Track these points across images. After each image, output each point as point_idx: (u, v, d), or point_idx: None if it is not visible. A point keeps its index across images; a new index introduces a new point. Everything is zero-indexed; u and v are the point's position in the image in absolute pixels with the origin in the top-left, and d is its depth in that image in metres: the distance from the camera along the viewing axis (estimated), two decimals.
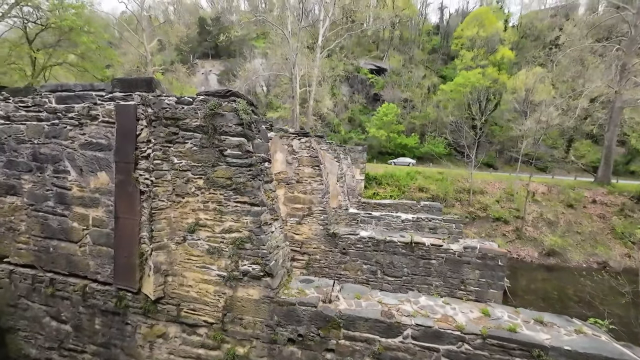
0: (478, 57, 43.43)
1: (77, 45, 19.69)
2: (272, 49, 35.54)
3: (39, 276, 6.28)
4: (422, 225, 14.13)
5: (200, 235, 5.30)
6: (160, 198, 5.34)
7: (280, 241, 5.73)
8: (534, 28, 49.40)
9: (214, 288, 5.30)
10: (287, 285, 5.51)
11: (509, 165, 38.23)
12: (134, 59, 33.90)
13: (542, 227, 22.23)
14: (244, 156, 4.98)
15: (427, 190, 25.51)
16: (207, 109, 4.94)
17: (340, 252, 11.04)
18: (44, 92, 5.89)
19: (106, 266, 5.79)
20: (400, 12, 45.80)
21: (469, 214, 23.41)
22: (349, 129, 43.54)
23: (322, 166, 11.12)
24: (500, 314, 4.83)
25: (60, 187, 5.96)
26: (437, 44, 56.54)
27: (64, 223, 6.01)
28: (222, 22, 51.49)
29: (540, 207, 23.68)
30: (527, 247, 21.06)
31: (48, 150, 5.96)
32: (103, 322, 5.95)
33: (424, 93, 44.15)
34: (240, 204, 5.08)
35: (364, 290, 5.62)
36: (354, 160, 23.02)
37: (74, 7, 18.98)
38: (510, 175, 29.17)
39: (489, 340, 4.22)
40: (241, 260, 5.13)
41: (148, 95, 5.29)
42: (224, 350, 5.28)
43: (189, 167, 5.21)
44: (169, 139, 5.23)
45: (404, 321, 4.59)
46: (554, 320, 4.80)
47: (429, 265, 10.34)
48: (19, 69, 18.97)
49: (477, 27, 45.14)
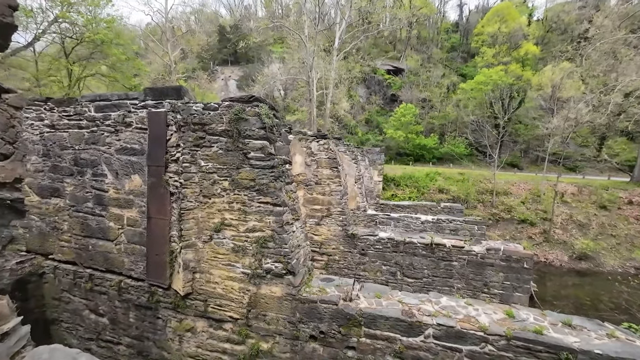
0: (500, 54, 41.99)
1: (108, 56, 20.99)
2: (289, 53, 36.15)
3: (79, 272, 6.79)
4: (442, 226, 13.87)
5: (226, 234, 5.56)
6: (188, 199, 5.65)
7: (302, 240, 5.90)
8: (560, 21, 47.11)
9: (239, 285, 5.54)
10: (309, 284, 5.65)
11: (535, 165, 36.59)
12: (159, 68, 35.57)
13: (572, 230, 21.12)
14: (267, 158, 5.20)
15: (447, 192, 24.95)
16: (231, 114, 5.20)
17: (359, 253, 11.07)
18: (84, 101, 6.41)
19: (139, 263, 6.18)
20: (417, 11, 45.22)
21: (492, 216, 22.64)
22: (366, 130, 43.31)
23: (340, 168, 11.22)
24: (526, 316, 4.73)
25: (98, 190, 6.44)
26: (456, 41, 55.21)
27: (102, 223, 6.48)
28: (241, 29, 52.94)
29: (570, 208, 22.52)
30: (556, 251, 20.07)
31: (87, 155, 6.47)
32: (137, 315, 6.35)
33: (443, 92, 43.20)
34: (263, 204, 5.29)
35: (384, 289, 5.66)
36: (371, 162, 22.93)
37: (106, 21, 20.28)
38: (536, 176, 27.95)
39: (514, 341, 4.16)
40: (264, 259, 5.34)
41: (177, 102, 5.64)
42: (248, 345, 5.49)
43: (215, 169, 5.49)
44: (197, 143, 5.54)
45: (425, 321, 4.61)
46: (584, 323, 4.64)
47: (450, 267, 10.15)
48: (57, 80, 20.47)
49: (499, 23, 43.69)
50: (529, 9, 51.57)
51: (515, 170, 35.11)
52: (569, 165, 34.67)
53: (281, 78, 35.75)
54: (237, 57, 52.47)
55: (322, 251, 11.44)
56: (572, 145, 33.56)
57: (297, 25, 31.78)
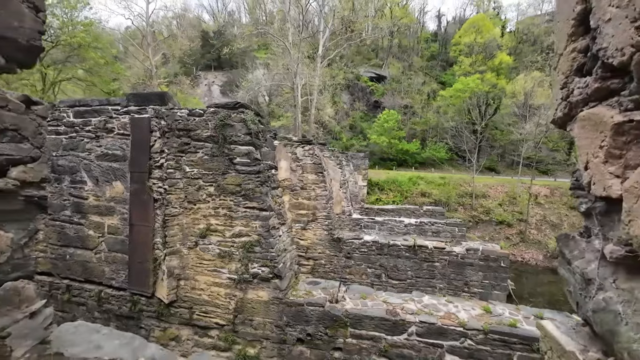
0: (476, 63, 44.00)
1: (85, 60, 20.38)
2: (273, 59, 36.32)
3: (56, 283, 6.53)
4: (425, 229, 14.27)
5: (212, 240, 5.55)
6: (173, 205, 5.61)
7: (288, 245, 5.97)
8: (530, 33, 50.09)
9: (225, 291, 5.52)
10: (295, 287, 5.71)
11: (511, 168, 38.29)
12: (140, 73, 34.77)
13: (546, 230, 22.22)
14: (253, 164, 5.27)
15: (429, 195, 25.65)
16: (217, 120, 5.25)
17: (344, 256, 11.21)
18: (62, 107, 6.25)
19: (121, 272, 6.03)
20: (398, 21, 46.74)
21: (472, 218, 23.47)
22: (351, 136, 43.92)
23: (325, 173, 11.39)
24: (502, 311, 5.00)
25: (77, 197, 6.26)
26: (435, 50, 57.33)
27: (80, 231, 6.29)
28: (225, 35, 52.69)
29: (543, 209, 23.71)
30: (532, 250, 21.03)
31: (66, 162, 6.29)
32: (117, 326, 6.15)
33: (424, 99, 44.63)
34: (249, 209, 5.34)
35: (369, 290, 5.81)
36: (356, 167, 23.28)
37: (83, 24, 19.73)
38: (512, 179, 29.26)
39: (491, 335, 4.39)
40: (251, 263, 5.36)
41: (161, 108, 5.62)
42: (234, 352, 5.46)
43: (200, 175, 5.50)
44: (182, 149, 5.54)
45: (409, 319, 4.78)
46: (555, 316, 4.95)
47: (433, 268, 10.47)
48: (30, 84, 19.63)
49: (475, 34, 45.87)
50: (502, 21, 54.43)
51: (492, 173, 36.56)
52: (541, 169, 36.52)
53: (266, 84, 35.81)
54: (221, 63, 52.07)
55: (308, 255, 11.49)
56: (544, 150, 35.41)
57: (282, 33, 32.08)
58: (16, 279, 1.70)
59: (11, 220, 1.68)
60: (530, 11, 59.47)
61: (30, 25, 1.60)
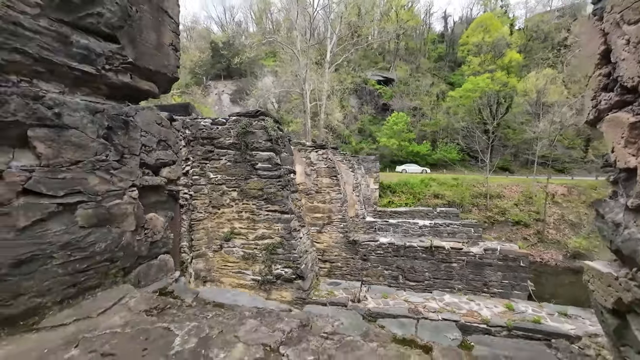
0: (485, 62, 43.56)
1: None
2: (282, 67, 36.98)
3: None
4: (440, 230, 14.20)
5: (236, 243, 5.78)
6: (198, 210, 5.88)
7: (308, 246, 6.14)
8: (540, 31, 49.31)
9: (249, 292, 5.71)
10: (317, 288, 5.86)
11: (526, 168, 37.52)
12: None
13: (565, 230, 21.67)
14: (274, 168, 5.49)
15: (442, 197, 25.43)
16: (239, 127, 5.51)
17: (361, 258, 11.28)
18: None
19: None
20: (404, 24, 46.89)
21: (487, 219, 23.11)
22: (360, 139, 44.02)
23: (339, 176, 11.55)
24: (524, 309, 5.01)
25: None
26: (442, 51, 57.10)
27: None
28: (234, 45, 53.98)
29: (561, 208, 23.15)
30: (551, 250, 20.54)
31: None
32: None
33: (433, 100, 44.39)
34: (271, 212, 5.55)
35: (390, 290, 5.90)
36: (367, 170, 23.33)
37: None
38: (527, 178, 28.70)
39: (515, 331, 4.42)
40: (274, 265, 5.55)
41: (186, 118, 5.93)
42: None
43: (224, 180, 5.76)
44: (206, 157, 5.82)
45: (431, 317, 4.84)
46: (579, 313, 4.93)
47: (450, 269, 10.42)
48: None
49: (483, 33, 45.50)
50: (510, 19, 53.85)
51: (506, 173, 35.91)
52: (557, 167, 35.65)
53: (275, 91, 36.45)
54: (230, 72, 53.27)
55: (324, 258, 11.62)
56: (559, 148, 34.61)
57: (289, 40, 32.70)
58: (165, 253, 2.27)
59: (161, 208, 2.26)
60: (539, 8, 58.64)
61: (173, 62, 2.14)
